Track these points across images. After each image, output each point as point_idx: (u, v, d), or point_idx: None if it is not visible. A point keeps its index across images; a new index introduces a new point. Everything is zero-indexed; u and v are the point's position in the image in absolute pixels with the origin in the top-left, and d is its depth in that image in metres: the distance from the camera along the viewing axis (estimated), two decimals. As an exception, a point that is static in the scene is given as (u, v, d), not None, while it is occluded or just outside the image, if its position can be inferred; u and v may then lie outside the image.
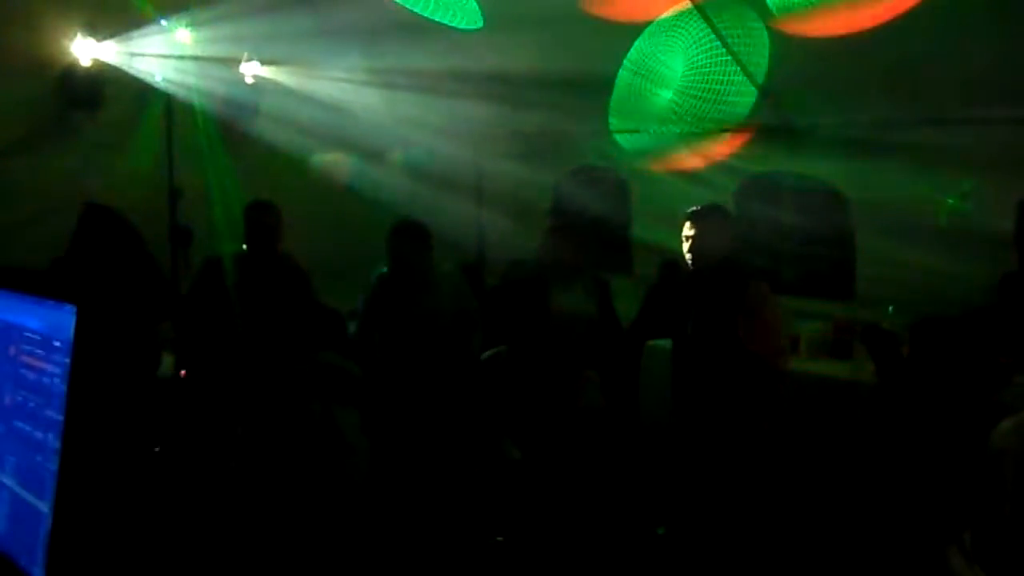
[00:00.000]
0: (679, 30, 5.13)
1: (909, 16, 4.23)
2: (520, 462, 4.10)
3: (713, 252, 3.39)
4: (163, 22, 4.82)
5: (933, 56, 4.60)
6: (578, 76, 5.87)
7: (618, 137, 6.82)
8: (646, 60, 5.63)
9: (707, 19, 4.70)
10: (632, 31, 5.27)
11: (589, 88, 6.04)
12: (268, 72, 5.61)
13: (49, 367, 1.24)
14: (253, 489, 3.45)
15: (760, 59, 5.14)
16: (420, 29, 5.47)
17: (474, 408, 3.98)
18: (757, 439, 3.54)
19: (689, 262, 3.45)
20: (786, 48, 4.96)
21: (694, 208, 3.50)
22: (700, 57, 5.41)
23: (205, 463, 2.86)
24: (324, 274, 4.55)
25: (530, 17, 5.18)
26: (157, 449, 3.31)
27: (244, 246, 3.86)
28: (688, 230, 3.45)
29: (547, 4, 5.04)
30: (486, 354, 5.18)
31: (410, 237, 3.79)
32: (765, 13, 4.69)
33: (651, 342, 4.93)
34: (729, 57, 5.08)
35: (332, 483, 3.17)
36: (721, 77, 5.55)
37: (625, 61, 5.66)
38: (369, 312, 3.85)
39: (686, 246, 3.45)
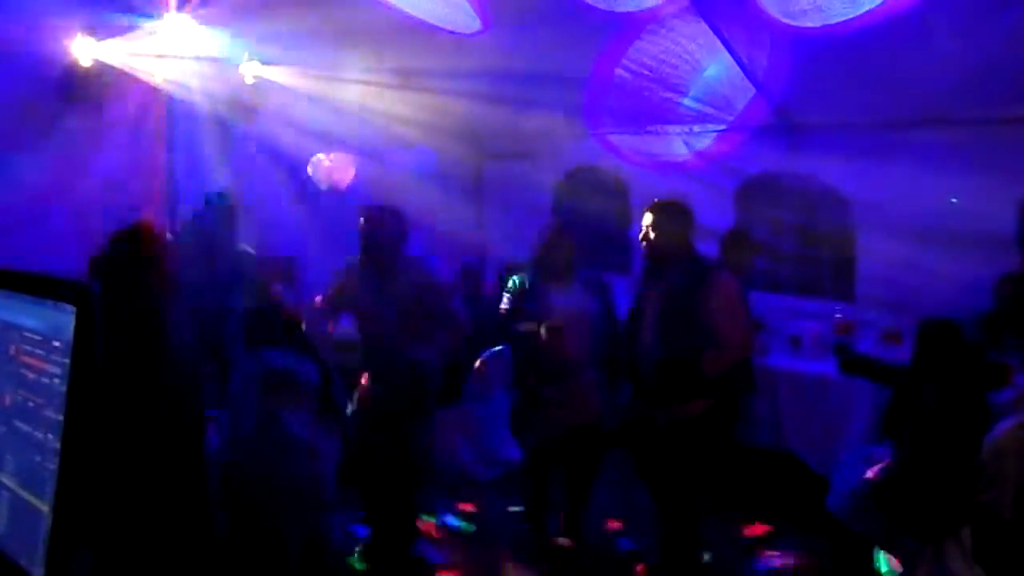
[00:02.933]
0: (679, 29, 5.13)
1: (909, 15, 4.24)
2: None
3: (671, 241, 3.56)
4: (163, 22, 4.82)
5: (932, 56, 4.60)
6: (578, 76, 5.87)
7: (618, 137, 6.83)
8: (647, 59, 5.63)
9: (707, 19, 4.70)
10: (632, 30, 5.27)
11: (589, 88, 6.04)
12: (268, 72, 5.61)
13: (49, 367, 1.25)
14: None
15: (761, 59, 5.15)
16: (420, 29, 5.47)
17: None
18: (726, 424, 3.64)
19: (646, 251, 3.61)
20: (786, 48, 4.97)
21: (655, 201, 3.69)
22: (701, 56, 5.41)
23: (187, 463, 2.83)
24: (323, 274, 4.55)
25: (530, 16, 5.18)
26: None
27: None
28: (647, 220, 3.61)
29: (548, 3, 5.04)
30: (484, 354, 5.20)
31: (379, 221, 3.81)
32: (766, 12, 4.70)
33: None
34: (730, 57, 5.08)
35: (295, 485, 3.15)
36: (722, 77, 5.56)
37: (625, 61, 5.66)
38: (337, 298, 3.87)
39: (643, 235, 3.62)
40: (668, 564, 3.64)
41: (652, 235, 3.57)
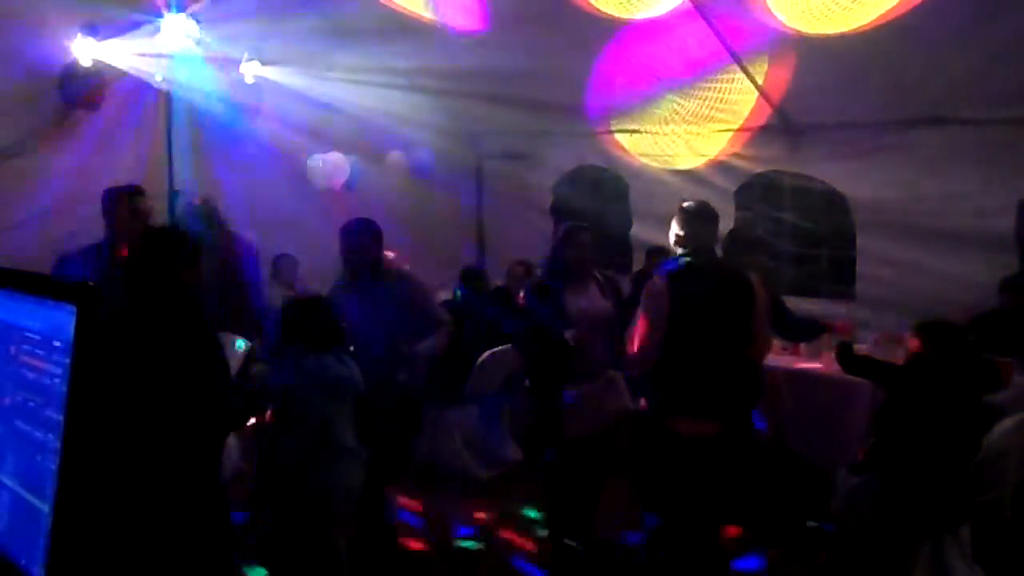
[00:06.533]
0: (680, 30, 5.13)
1: (908, 16, 4.24)
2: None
3: (704, 248, 3.41)
4: (163, 22, 4.82)
5: (932, 56, 4.60)
6: (578, 76, 5.87)
7: (618, 137, 6.83)
8: (646, 60, 5.63)
9: (708, 20, 4.70)
10: (632, 30, 5.27)
11: (589, 88, 6.04)
12: (268, 72, 5.61)
13: (49, 367, 1.25)
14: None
15: (761, 60, 5.15)
16: (419, 29, 5.47)
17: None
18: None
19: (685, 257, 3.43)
20: (787, 49, 4.97)
21: (684, 205, 3.53)
22: (701, 58, 5.41)
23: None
24: (324, 274, 4.55)
25: (530, 16, 5.18)
26: None
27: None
28: (677, 228, 3.46)
29: (547, 3, 5.05)
30: (485, 354, 5.18)
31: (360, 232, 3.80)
32: (764, 14, 4.70)
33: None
34: (730, 58, 5.08)
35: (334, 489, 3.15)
36: (722, 77, 5.56)
37: (626, 62, 5.65)
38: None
39: (673, 241, 3.48)
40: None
41: (685, 241, 3.40)
